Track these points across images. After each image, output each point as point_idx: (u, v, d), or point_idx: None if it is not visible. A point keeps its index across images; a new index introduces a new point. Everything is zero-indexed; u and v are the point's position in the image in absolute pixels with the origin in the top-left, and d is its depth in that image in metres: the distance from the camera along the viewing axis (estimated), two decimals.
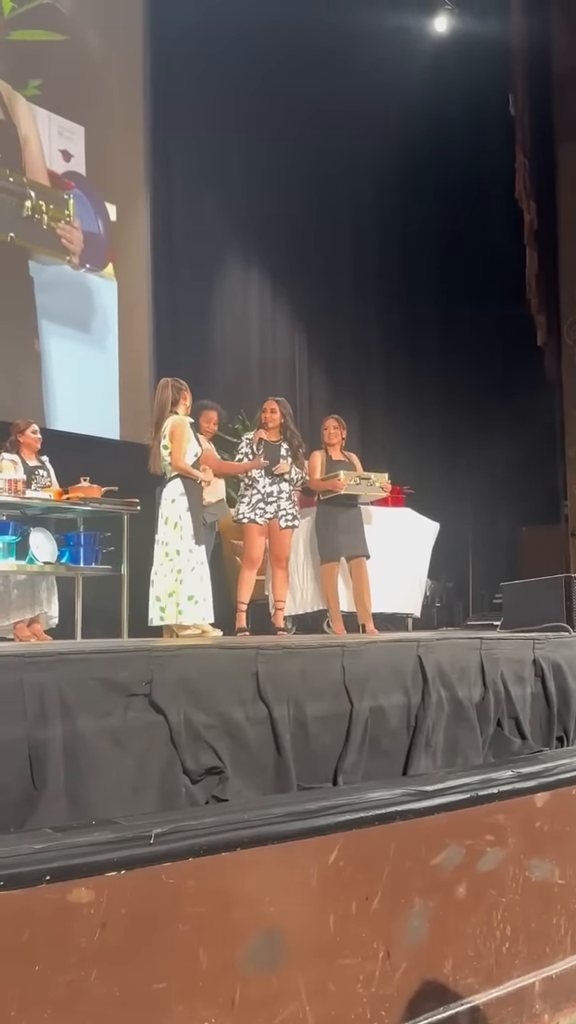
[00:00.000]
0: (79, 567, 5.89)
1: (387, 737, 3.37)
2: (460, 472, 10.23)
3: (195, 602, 5.05)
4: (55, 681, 2.52)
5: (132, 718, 2.66)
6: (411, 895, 2.57)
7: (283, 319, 10.04)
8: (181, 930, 2.08)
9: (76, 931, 1.93)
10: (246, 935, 2.20)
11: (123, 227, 8.66)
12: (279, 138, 9.56)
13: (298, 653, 3.20)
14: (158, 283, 8.80)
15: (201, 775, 2.79)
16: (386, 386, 10.76)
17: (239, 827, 2.26)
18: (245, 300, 9.70)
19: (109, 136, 8.57)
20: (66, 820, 2.37)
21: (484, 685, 3.82)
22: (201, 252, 9.04)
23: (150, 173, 8.86)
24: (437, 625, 8.66)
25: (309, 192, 10.00)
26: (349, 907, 2.41)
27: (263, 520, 5.93)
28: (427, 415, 10.85)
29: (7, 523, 5.58)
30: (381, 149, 10.53)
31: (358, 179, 10.63)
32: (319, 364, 10.32)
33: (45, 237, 8.01)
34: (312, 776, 3.08)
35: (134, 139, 8.78)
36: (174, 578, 5.08)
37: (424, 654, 3.57)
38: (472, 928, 2.72)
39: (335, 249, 10.48)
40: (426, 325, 11.13)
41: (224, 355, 9.30)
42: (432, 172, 11.06)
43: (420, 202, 11.07)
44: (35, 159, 8.02)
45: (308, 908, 2.34)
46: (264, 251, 9.68)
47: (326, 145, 10.03)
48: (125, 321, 8.56)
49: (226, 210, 9.10)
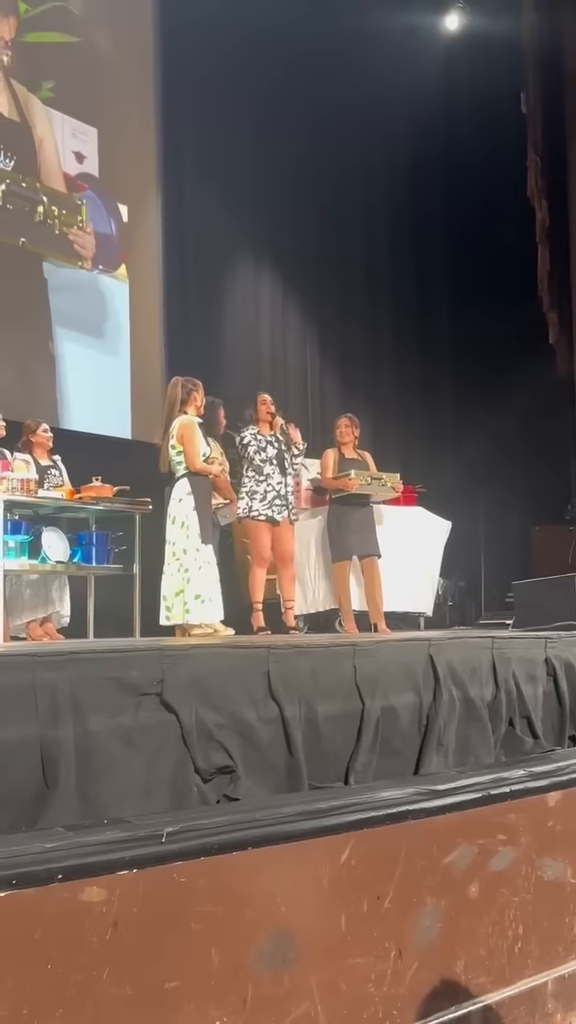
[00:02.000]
0: (91, 566, 5.89)
1: (398, 736, 3.36)
2: (472, 470, 10.20)
3: (202, 601, 5.05)
4: (67, 680, 2.52)
5: (143, 717, 2.66)
6: (423, 894, 2.55)
7: (294, 319, 10.03)
8: (193, 929, 2.08)
9: (88, 930, 1.93)
10: (258, 934, 2.19)
11: (135, 228, 8.68)
12: (290, 138, 9.55)
13: (309, 652, 3.19)
14: (170, 284, 8.80)
15: (212, 774, 2.79)
16: (398, 384, 10.74)
17: (250, 826, 2.25)
18: (256, 300, 9.69)
19: (121, 137, 8.59)
20: (77, 819, 2.37)
21: (496, 684, 3.80)
22: (213, 252, 9.04)
23: (162, 174, 8.87)
24: (449, 624, 8.64)
25: (320, 192, 9.99)
26: (361, 906, 2.40)
27: (280, 517, 5.84)
28: (439, 413, 10.81)
29: (19, 522, 5.59)
30: (392, 148, 10.51)
31: (369, 178, 10.61)
32: (331, 364, 10.31)
33: (57, 242, 8.03)
34: (323, 775, 3.08)
35: (146, 140, 8.80)
36: (181, 577, 5.09)
37: (436, 653, 3.56)
38: (484, 928, 2.70)
39: (347, 249, 10.46)
40: (438, 323, 11.10)
41: (235, 355, 9.30)
42: (443, 171, 11.02)
43: (431, 201, 11.04)
44: (50, 161, 8.04)
45: (320, 907, 2.34)
46: (275, 251, 9.67)
47: (337, 145, 10.02)
48: (137, 321, 8.57)
49: (237, 210, 9.10)
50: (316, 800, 2.53)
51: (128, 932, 1.97)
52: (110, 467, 6.25)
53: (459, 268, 11.09)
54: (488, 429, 10.24)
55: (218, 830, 2.19)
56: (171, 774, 2.70)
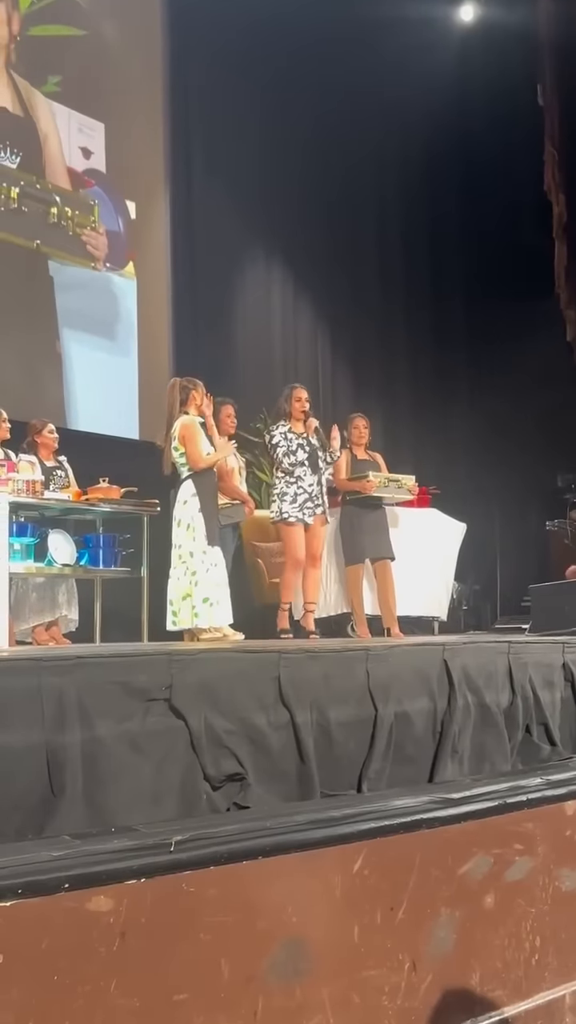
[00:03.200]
0: (98, 569, 5.90)
1: (412, 743, 3.35)
2: (488, 471, 10.17)
3: (211, 604, 5.04)
4: (74, 685, 2.53)
5: (151, 723, 2.66)
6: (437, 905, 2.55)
7: (306, 316, 10.04)
8: (202, 940, 2.08)
9: (95, 940, 1.93)
10: (269, 945, 2.19)
11: (143, 225, 8.70)
12: (301, 131, 9.56)
13: (321, 657, 3.19)
14: (178, 281, 8.82)
15: (222, 781, 2.79)
16: (411, 383, 10.73)
17: (261, 835, 2.25)
18: (267, 296, 9.71)
19: (129, 132, 8.62)
20: (85, 827, 2.37)
21: (512, 690, 3.79)
22: (222, 249, 9.06)
23: (170, 170, 8.90)
24: (464, 628, 8.63)
25: (332, 186, 9.99)
26: (374, 917, 2.40)
27: (311, 519, 5.79)
28: (453, 413, 10.79)
29: (25, 524, 5.60)
30: (405, 141, 10.50)
31: (382, 172, 10.60)
32: (343, 361, 10.31)
33: (71, 244, 8.08)
34: (335, 783, 3.07)
35: (154, 135, 8.82)
36: (188, 581, 5.08)
37: (450, 658, 3.55)
38: (500, 939, 2.70)
39: (359, 244, 10.46)
40: (451, 320, 11.08)
41: (245, 353, 9.31)
42: (458, 164, 11.00)
43: (446, 195, 11.02)
44: (55, 157, 8.07)
45: (332, 918, 2.33)
46: (286, 246, 9.68)
47: (349, 137, 10.01)
48: (145, 319, 8.59)
49: (247, 205, 9.11)
50: (328, 808, 2.52)
51: (136, 942, 1.97)
52: (117, 468, 6.26)
53: (473, 264, 11.07)
54: (504, 428, 10.22)
55: (228, 839, 2.19)
56: (180, 781, 2.70)
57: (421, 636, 6.26)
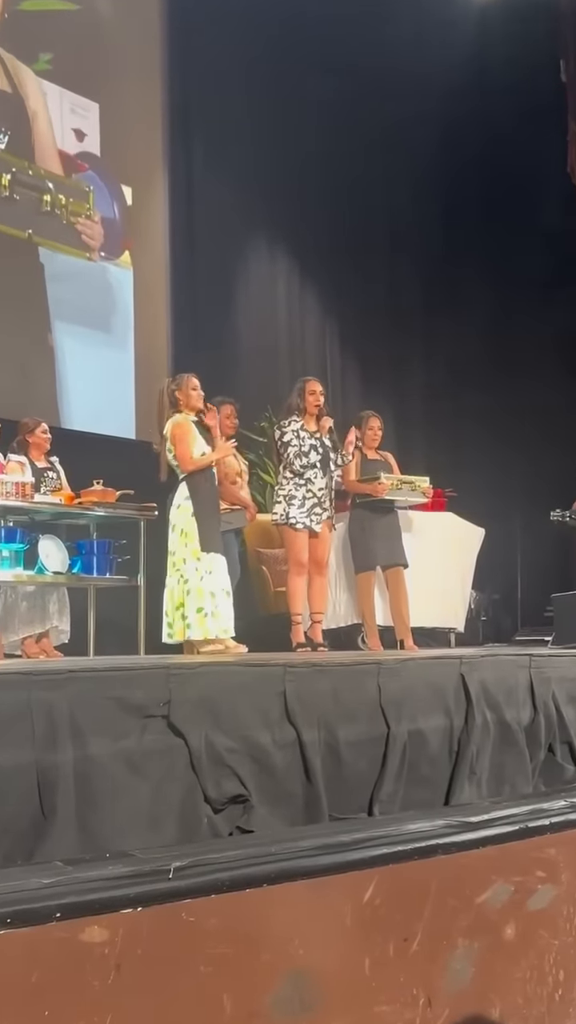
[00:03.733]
0: (92, 577, 5.91)
1: (427, 763, 3.35)
2: (508, 472, 10.16)
3: (204, 615, 5.04)
4: (65, 701, 2.53)
5: (149, 741, 2.67)
6: (454, 936, 2.54)
7: (313, 307, 10.05)
8: (202, 972, 2.08)
9: (89, 973, 1.93)
10: (273, 979, 2.18)
11: (140, 211, 8.73)
12: (309, 112, 9.59)
13: (329, 671, 3.19)
14: (177, 271, 8.84)
15: (224, 804, 2.79)
16: (425, 378, 10.73)
17: (265, 861, 2.25)
18: (272, 287, 9.72)
19: (125, 113, 8.64)
20: (77, 852, 2.38)
21: (534, 706, 3.79)
22: (223, 236, 9.07)
23: (168, 152, 8.92)
24: (482, 640, 8.62)
25: (341, 169, 10.00)
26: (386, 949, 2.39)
27: (318, 526, 5.77)
28: (470, 410, 10.78)
29: (14, 530, 5.62)
30: (419, 121, 10.48)
31: (393, 154, 10.58)
32: (352, 356, 10.32)
33: (64, 233, 8.10)
34: (345, 806, 3.07)
35: (151, 116, 8.84)
36: (181, 589, 5.10)
37: (468, 672, 3.55)
38: (521, 972, 2.69)
39: (369, 231, 10.47)
40: (468, 313, 11.06)
41: (249, 348, 9.32)
42: (475, 146, 10.98)
43: (462, 177, 11.00)
44: (44, 136, 8.10)
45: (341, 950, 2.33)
46: (292, 234, 9.69)
47: (360, 118, 10.01)
48: (142, 312, 8.61)
49: (250, 192, 9.13)
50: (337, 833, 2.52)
51: (132, 975, 1.97)
52: (112, 469, 6.27)
53: (492, 251, 11.06)
54: (525, 427, 10.21)
55: (230, 865, 2.19)
56: (179, 803, 2.70)
57: (436, 649, 6.26)
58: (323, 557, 5.91)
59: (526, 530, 10.24)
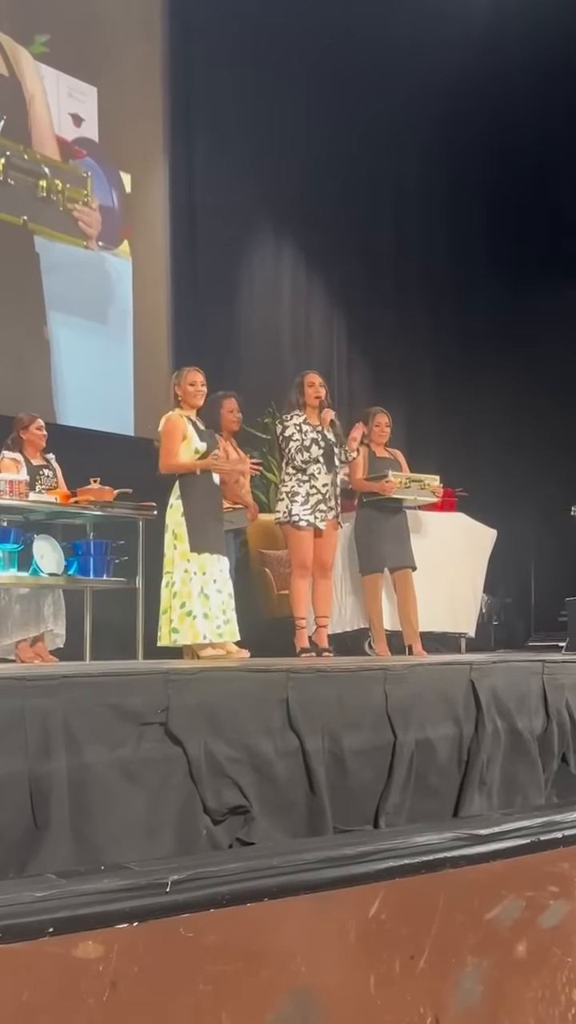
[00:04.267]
0: (88, 579, 5.91)
1: (435, 773, 3.35)
2: (521, 471, 10.15)
3: (192, 617, 5.04)
4: (60, 707, 2.53)
5: (146, 749, 2.67)
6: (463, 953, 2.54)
7: (319, 298, 10.04)
8: (201, 990, 2.08)
9: (83, 990, 1.93)
10: (275, 997, 2.18)
11: (139, 199, 8.74)
12: (313, 95, 9.58)
13: (334, 677, 3.19)
14: (178, 261, 8.84)
15: (224, 815, 2.79)
16: (435, 372, 10.72)
17: (267, 874, 2.25)
18: (276, 278, 9.72)
19: (124, 98, 8.65)
20: (71, 864, 2.38)
21: (547, 714, 3.79)
22: (226, 225, 9.07)
23: (169, 138, 8.93)
24: (494, 646, 8.62)
25: (347, 154, 9.99)
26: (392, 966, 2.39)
27: (323, 524, 5.77)
28: (482, 406, 10.77)
29: (8, 529, 5.62)
30: (428, 101, 10.44)
31: (402, 137, 10.56)
32: (359, 349, 10.31)
33: (61, 220, 8.12)
34: (350, 817, 3.07)
35: (151, 101, 8.85)
36: (168, 592, 5.12)
37: (478, 679, 3.55)
38: (533, 992, 2.68)
39: (377, 218, 10.46)
40: (481, 304, 11.06)
41: (252, 341, 9.33)
42: (489, 125, 10.94)
43: (474, 161, 10.95)
44: (41, 120, 8.10)
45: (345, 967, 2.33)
46: (297, 222, 9.69)
47: (366, 100, 9.99)
48: (141, 304, 8.61)
49: (254, 177, 9.12)
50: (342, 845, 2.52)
51: (128, 992, 1.97)
52: (110, 467, 6.27)
53: (504, 239, 11.04)
54: (540, 424, 10.20)
55: (230, 878, 2.19)
56: (177, 814, 2.70)
57: (446, 654, 6.26)
58: (328, 559, 5.90)
59: (540, 532, 10.23)
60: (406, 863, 2.49)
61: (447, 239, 11.00)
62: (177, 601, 5.07)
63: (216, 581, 5.18)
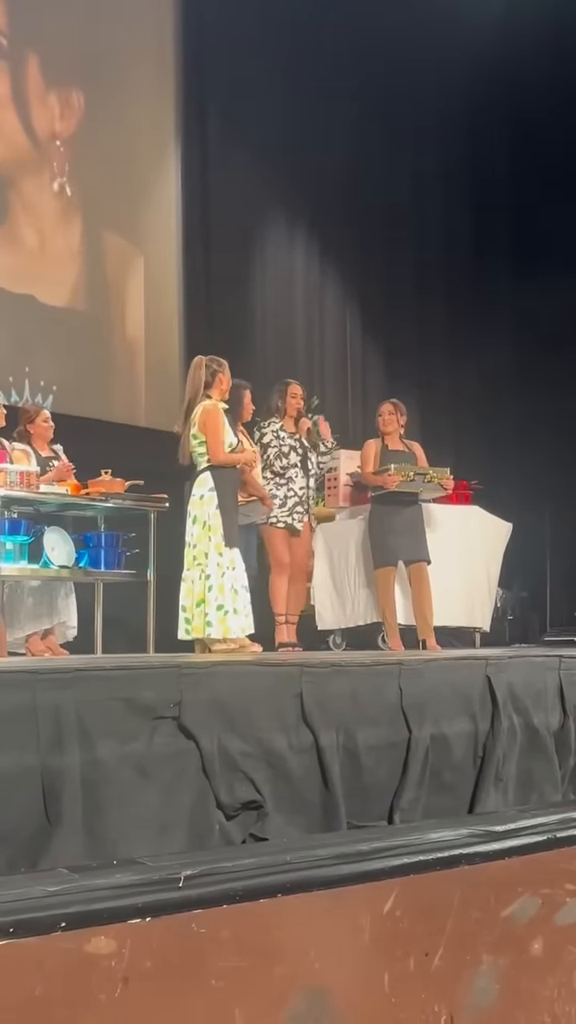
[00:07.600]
0: (99, 572, 5.92)
1: (450, 769, 3.35)
2: (537, 464, 10.11)
3: (224, 613, 5.04)
4: (72, 701, 2.54)
5: (159, 744, 2.67)
6: (478, 951, 2.54)
7: (333, 290, 10.02)
8: (214, 987, 2.08)
9: (95, 986, 1.94)
10: (288, 994, 2.19)
11: (150, 187, 8.71)
12: (328, 82, 9.54)
13: (348, 672, 3.19)
14: (189, 251, 8.83)
15: (237, 810, 2.80)
16: (451, 365, 10.68)
17: (280, 870, 2.25)
18: (289, 269, 9.70)
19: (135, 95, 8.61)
20: (84, 860, 2.38)
21: (563, 710, 3.78)
22: (238, 215, 9.06)
23: (181, 125, 8.90)
24: (509, 641, 8.60)
25: (363, 143, 9.96)
26: (407, 964, 2.39)
27: (300, 525, 6.10)
28: (498, 399, 10.74)
29: (19, 522, 5.63)
30: (448, 89, 10.42)
31: (420, 126, 10.53)
32: (374, 341, 10.29)
33: None
34: (364, 813, 3.07)
35: (163, 87, 8.82)
36: (202, 585, 5.09)
37: (494, 674, 3.55)
38: (549, 990, 2.68)
39: (394, 209, 10.42)
40: (498, 297, 11.01)
41: (264, 333, 9.31)
42: (508, 116, 10.90)
43: (493, 152, 10.93)
44: None
45: (359, 964, 2.33)
46: (311, 212, 9.67)
47: (383, 89, 9.97)
48: (152, 294, 8.61)
49: (267, 167, 9.09)
50: (356, 841, 2.52)
51: (140, 989, 1.98)
52: (121, 458, 6.28)
53: (523, 231, 10.99)
54: (557, 416, 10.15)
55: (243, 874, 2.19)
56: (190, 809, 2.71)
57: (461, 649, 6.25)
58: (304, 560, 6.22)
59: (556, 525, 10.21)
60: (421, 860, 2.49)
61: (464, 229, 10.97)
62: (213, 595, 5.06)
63: (240, 576, 5.21)
